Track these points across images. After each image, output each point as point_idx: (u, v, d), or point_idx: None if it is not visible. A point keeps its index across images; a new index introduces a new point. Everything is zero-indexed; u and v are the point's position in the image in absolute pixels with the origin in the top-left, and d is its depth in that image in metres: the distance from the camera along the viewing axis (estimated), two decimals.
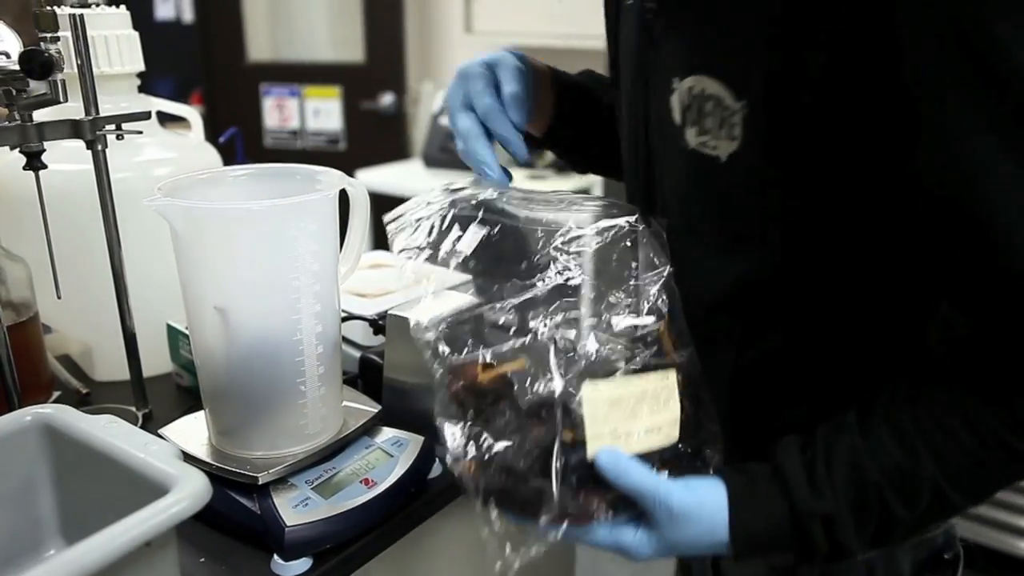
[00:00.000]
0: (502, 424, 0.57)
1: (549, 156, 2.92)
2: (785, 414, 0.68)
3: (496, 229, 0.63)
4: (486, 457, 0.56)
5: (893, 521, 0.58)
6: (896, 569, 0.70)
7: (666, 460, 0.60)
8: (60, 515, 0.66)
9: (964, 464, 0.57)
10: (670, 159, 0.68)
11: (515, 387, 0.57)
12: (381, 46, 3.37)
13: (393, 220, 0.66)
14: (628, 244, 0.64)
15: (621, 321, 0.60)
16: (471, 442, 0.57)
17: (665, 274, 0.63)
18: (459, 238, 0.62)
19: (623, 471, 0.57)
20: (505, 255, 0.62)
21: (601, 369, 0.58)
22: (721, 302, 0.67)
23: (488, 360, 0.59)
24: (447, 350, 0.59)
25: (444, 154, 3.06)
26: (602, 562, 2.17)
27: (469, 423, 0.57)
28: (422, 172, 3.10)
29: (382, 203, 3.28)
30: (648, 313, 0.61)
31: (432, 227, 0.63)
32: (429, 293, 0.65)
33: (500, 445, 0.56)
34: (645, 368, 0.60)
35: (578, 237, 0.62)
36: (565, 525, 0.57)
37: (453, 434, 0.57)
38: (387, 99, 3.39)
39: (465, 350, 0.59)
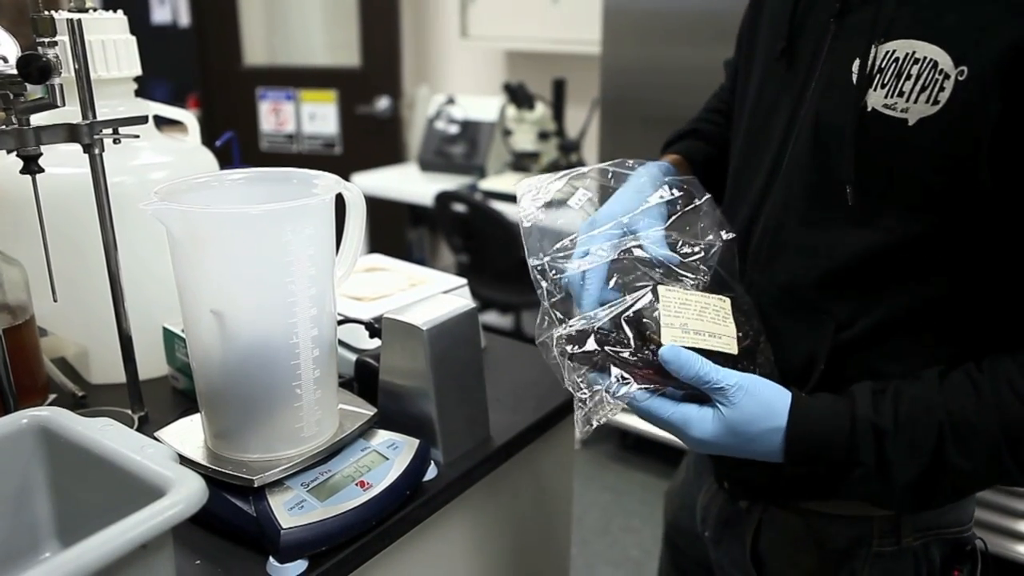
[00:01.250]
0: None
1: (545, 160, 2.92)
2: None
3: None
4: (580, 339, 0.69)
5: (946, 466, 0.62)
6: (931, 558, 0.76)
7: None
8: (56, 518, 0.66)
9: None
10: (828, 121, 0.68)
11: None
12: (377, 50, 3.38)
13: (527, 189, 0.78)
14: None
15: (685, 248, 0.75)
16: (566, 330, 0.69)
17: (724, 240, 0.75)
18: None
19: (685, 361, 0.65)
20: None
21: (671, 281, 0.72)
22: (837, 276, 0.69)
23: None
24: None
25: (439, 158, 3.07)
26: (597, 564, 2.17)
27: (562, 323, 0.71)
28: (417, 176, 3.10)
29: (378, 207, 3.28)
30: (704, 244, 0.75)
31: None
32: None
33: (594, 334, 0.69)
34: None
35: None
36: (636, 385, 0.66)
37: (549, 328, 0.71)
38: (383, 103, 3.40)
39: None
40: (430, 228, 3.61)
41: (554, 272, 0.73)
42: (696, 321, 0.68)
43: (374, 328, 0.91)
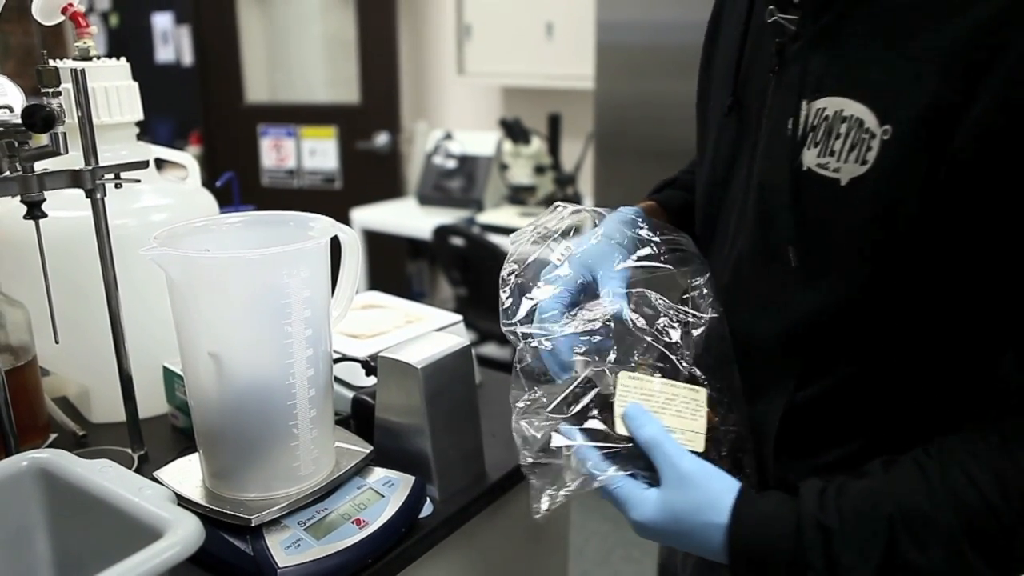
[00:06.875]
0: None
1: (541, 194, 2.95)
2: (831, 453, 0.68)
3: None
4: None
5: (903, 562, 0.57)
6: None
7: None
8: (55, 559, 0.67)
9: (989, 525, 0.55)
10: (768, 180, 0.67)
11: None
12: (376, 87, 3.43)
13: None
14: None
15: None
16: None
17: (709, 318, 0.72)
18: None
19: (644, 422, 0.64)
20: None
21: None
22: (788, 337, 0.67)
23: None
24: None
25: (437, 192, 3.10)
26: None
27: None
28: (416, 210, 3.13)
29: (377, 241, 3.29)
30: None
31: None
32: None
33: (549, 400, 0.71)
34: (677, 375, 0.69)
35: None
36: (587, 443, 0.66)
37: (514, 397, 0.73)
38: (382, 139, 3.44)
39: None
40: (429, 261, 3.63)
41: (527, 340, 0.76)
42: (659, 414, 0.65)
43: (370, 366, 0.92)
